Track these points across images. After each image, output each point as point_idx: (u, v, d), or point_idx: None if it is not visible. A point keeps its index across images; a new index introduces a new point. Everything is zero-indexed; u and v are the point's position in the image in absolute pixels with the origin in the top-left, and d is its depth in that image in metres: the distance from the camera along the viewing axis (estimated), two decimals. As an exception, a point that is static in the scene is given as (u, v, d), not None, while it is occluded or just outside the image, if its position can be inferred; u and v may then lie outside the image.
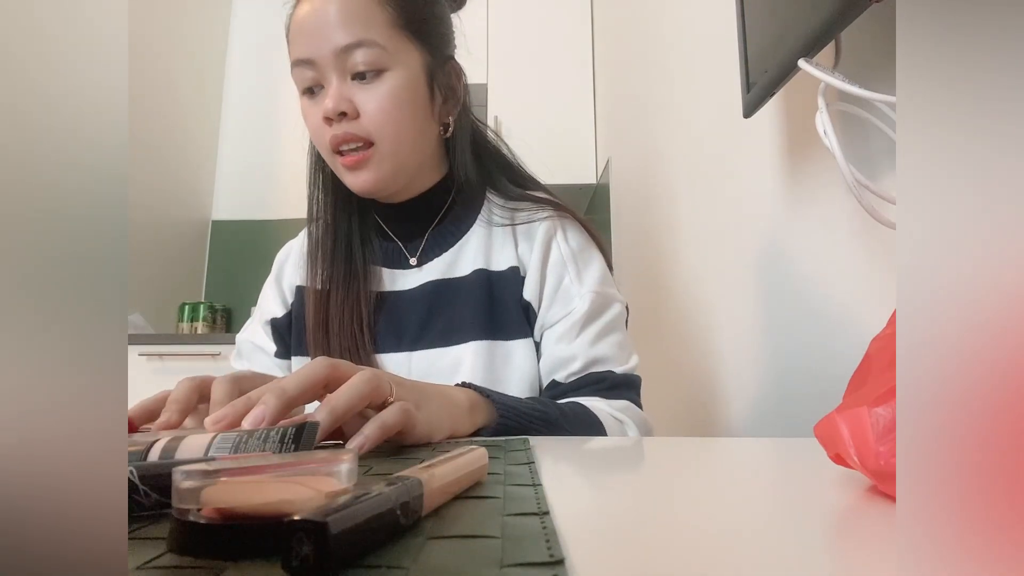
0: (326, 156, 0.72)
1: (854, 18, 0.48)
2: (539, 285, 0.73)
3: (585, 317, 0.70)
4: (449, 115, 0.76)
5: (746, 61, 0.69)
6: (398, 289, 0.76)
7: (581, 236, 0.77)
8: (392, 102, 0.69)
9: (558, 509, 0.25)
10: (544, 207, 0.78)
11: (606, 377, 0.69)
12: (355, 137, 0.68)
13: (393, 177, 0.72)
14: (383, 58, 0.68)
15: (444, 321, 0.73)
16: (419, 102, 0.72)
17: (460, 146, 0.77)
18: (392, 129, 0.69)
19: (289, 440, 0.31)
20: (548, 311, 0.72)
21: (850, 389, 0.33)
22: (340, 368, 0.44)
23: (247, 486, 0.20)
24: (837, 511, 0.27)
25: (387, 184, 0.72)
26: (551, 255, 0.74)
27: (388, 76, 0.68)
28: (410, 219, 0.77)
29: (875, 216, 0.51)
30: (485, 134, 0.83)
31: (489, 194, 0.80)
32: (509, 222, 0.77)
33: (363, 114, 0.68)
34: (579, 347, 0.70)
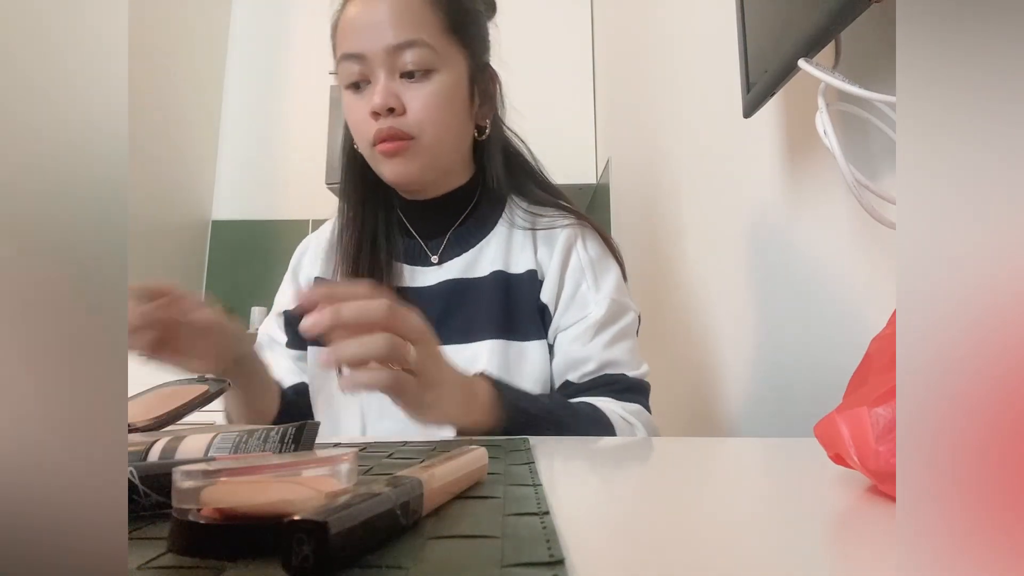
0: (364, 149, 0.74)
1: (854, 18, 0.48)
2: (557, 289, 0.75)
3: (601, 321, 0.72)
4: (484, 119, 0.79)
5: (746, 61, 0.69)
6: (417, 285, 0.78)
7: (600, 246, 0.79)
8: (437, 101, 0.71)
9: (558, 509, 0.25)
10: (566, 215, 0.80)
11: (619, 379, 0.71)
12: (399, 133, 0.70)
13: (427, 170, 0.74)
14: (432, 59, 0.70)
15: (461, 319, 0.74)
16: (461, 104, 0.75)
17: (493, 149, 0.80)
18: (434, 127, 0.71)
19: (289, 440, 0.31)
20: (564, 315, 0.74)
21: (850, 389, 0.33)
22: (394, 319, 0.47)
23: (247, 486, 0.20)
24: (837, 511, 0.27)
25: (419, 176, 0.74)
26: (571, 261, 0.76)
27: (436, 77, 0.71)
28: (434, 217, 0.79)
29: (875, 216, 0.51)
30: (513, 140, 0.85)
31: (513, 197, 0.82)
32: (530, 226, 0.79)
33: (409, 111, 0.70)
34: (593, 349, 0.71)
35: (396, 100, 0.70)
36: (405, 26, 0.69)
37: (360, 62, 0.70)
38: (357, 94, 0.72)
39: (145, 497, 0.24)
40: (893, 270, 0.58)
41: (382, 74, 0.70)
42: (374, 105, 0.69)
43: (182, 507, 0.20)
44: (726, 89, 0.99)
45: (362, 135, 0.73)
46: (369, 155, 0.74)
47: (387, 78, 0.70)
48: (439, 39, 0.71)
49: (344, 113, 0.75)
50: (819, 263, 0.73)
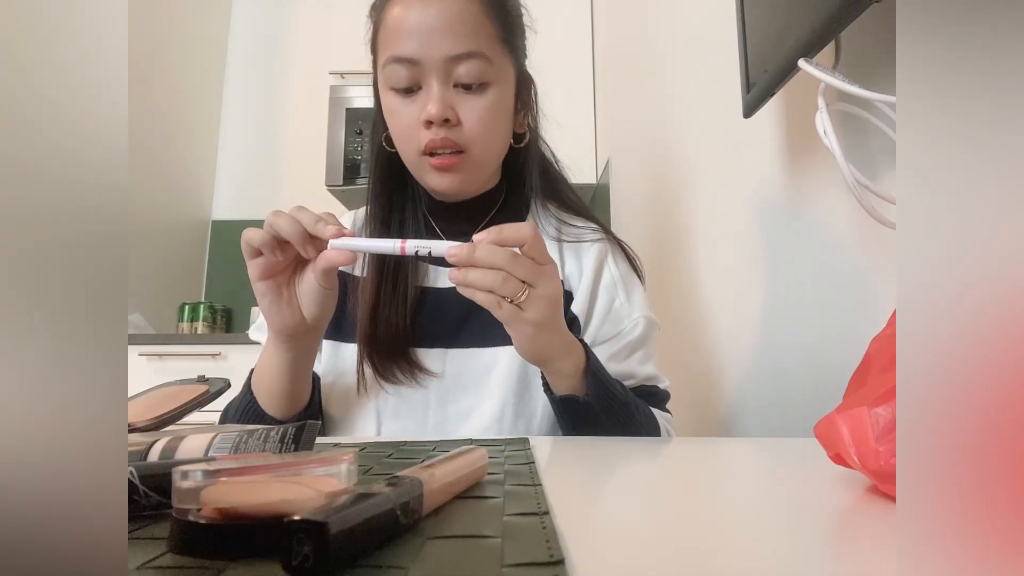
0: (410, 155, 0.72)
1: (854, 18, 0.48)
2: (589, 302, 0.76)
3: (639, 340, 0.75)
4: (522, 126, 0.79)
5: (746, 61, 0.69)
6: (440, 287, 0.78)
7: (626, 261, 0.81)
8: (491, 115, 0.70)
9: (558, 509, 0.25)
10: (594, 228, 0.81)
11: (656, 391, 0.75)
12: (453, 144, 0.69)
13: (472, 182, 0.75)
14: (489, 71, 0.69)
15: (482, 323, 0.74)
16: (508, 115, 0.74)
17: (530, 157, 0.80)
18: (485, 141, 0.71)
19: (289, 440, 0.31)
20: (600, 329, 0.76)
21: (850, 389, 0.33)
22: (531, 249, 0.53)
23: (247, 486, 0.20)
24: (837, 511, 0.27)
25: (466, 188, 0.74)
26: (603, 276, 0.78)
27: (491, 90, 0.70)
28: (460, 219, 0.79)
29: (875, 216, 0.51)
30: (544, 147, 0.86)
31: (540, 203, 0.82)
32: (556, 234, 0.80)
33: (464, 124, 0.69)
34: (632, 365, 0.74)
35: (452, 112, 0.68)
36: (464, 36, 0.67)
37: (412, 67, 0.68)
38: (405, 99, 0.70)
39: (145, 497, 0.24)
40: (893, 270, 0.58)
41: (436, 83, 0.68)
42: (430, 115, 0.67)
43: (182, 507, 0.20)
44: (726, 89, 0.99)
45: (410, 142, 0.71)
46: (415, 162, 0.72)
47: (442, 87, 0.68)
48: (494, 49, 0.70)
49: (387, 115, 0.73)
50: (819, 263, 0.73)
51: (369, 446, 0.46)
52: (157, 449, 0.31)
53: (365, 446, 0.46)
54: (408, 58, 0.68)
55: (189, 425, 0.49)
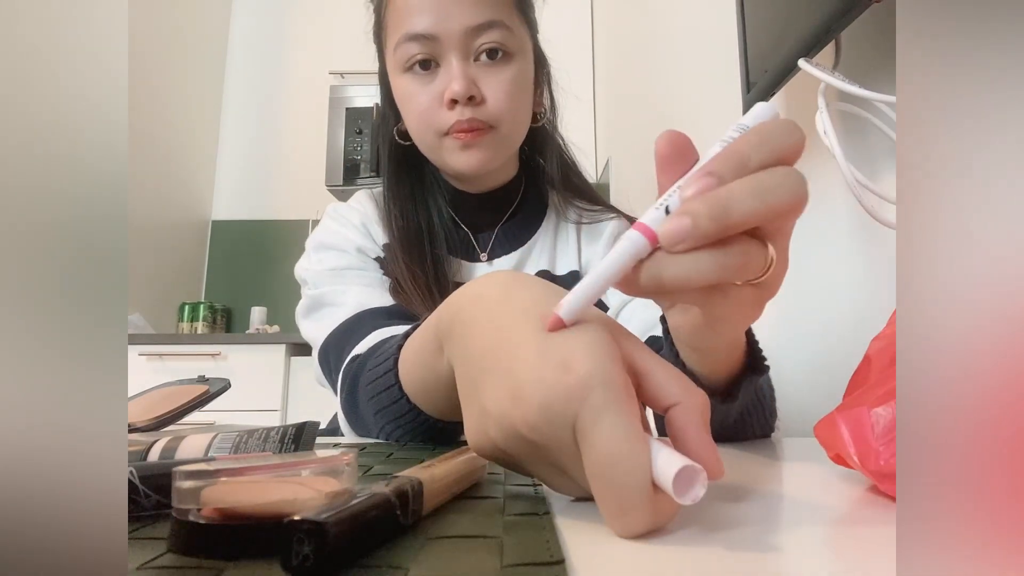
0: (430, 138, 0.68)
1: (854, 18, 0.48)
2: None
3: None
4: (540, 105, 0.75)
5: (746, 61, 0.69)
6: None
7: None
8: (516, 88, 0.66)
9: (558, 509, 0.25)
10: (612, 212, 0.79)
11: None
12: (481, 124, 0.65)
13: (497, 161, 0.70)
14: (510, 41, 0.65)
15: None
16: (530, 88, 0.70)
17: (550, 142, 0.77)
18: (512, 116, 0.67)
19: (289, 440, 0.31)
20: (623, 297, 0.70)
21: (850, 389, 0.33)
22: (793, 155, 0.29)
23: (247, 486, 0.20)
24: (837, 511, 0.27)
25: (490, 166, 0.69)
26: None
27: (513, 62, 0.66)
28: (484, 211, 0.76)
29: (875, 216, 0.51)
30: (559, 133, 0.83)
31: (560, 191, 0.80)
32: (576, 218, 0.78)
33: (489, 100, 0.65)
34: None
35: (476, 88, 0.64)
36: (483, 4, 0.63)
37: (427, 43, 0.64)
38: (421, 79, 0.65)
39: (145, 497, 0.24)
40: (893, 270, 0.58)
41: (455, 58, 0.63)
42: (453, 92, 0.63)
43: (182, 507, 0.20)
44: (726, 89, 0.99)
45: (430, 123, 0.66)
46: (434, 144, 0.68)
47: (462, 63, 0.64)
48: (513, 19, 0.66)
49: (401, 100, 0.68)
50: (819, 263, 0.73)
51: (369, 446, 0.46)
52: (157, 449, 0.31)
53: (365, 446, 0.46)
54: (424, 34, 0.64)
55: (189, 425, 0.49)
